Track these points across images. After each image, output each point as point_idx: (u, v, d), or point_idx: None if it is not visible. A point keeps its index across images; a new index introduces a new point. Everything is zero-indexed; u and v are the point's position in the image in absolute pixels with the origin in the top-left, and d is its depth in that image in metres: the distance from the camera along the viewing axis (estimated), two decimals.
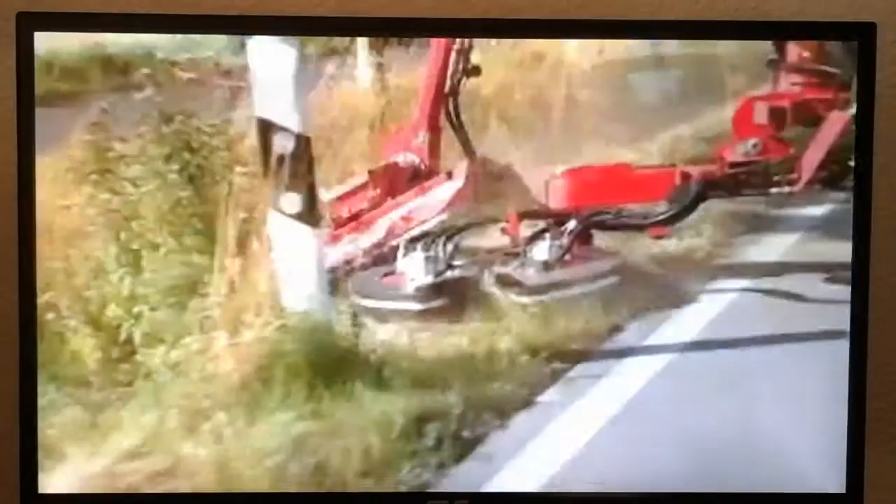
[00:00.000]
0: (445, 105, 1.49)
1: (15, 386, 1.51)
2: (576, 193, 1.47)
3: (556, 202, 1.47)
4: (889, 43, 1.64)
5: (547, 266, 1.46)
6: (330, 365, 1.32)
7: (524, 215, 1.47)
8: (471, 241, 1.46)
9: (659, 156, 1.47)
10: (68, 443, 1.32)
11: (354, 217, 1.46)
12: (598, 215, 1.48)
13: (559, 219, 1.48)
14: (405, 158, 1.49)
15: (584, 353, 1.45)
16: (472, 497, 1.51)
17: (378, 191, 1.47)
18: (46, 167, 1.32)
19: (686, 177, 1.47)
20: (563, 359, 1.45)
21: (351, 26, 1.54)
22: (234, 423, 1.30)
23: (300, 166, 1.29)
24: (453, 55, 1.47)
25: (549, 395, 1.45)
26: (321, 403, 1.31)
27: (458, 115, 1.48)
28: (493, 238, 1.47)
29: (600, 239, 1.48)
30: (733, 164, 1.48)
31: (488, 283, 1.46)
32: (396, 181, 1.48)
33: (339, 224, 1.45)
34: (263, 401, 1.29)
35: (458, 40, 1.45)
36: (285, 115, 1.27)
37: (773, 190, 1.47)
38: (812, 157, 1.46)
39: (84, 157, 1.32)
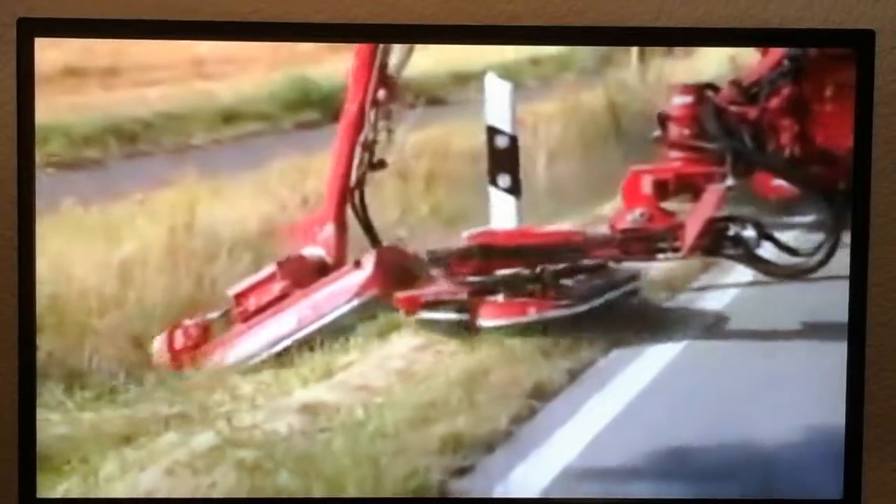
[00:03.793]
0: (351, 198, 1.56)
1: (14, 387, 1.52)
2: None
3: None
4: (887, 50, 1.64)
5: None
6: None
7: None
8: None
9: (561, 221, 1.60)
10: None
11: (263, 308, 1.55)
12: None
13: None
14: (311, 252, 1.56)
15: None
16: (476, 503, 1.53)
17: (286, 282, 1.55)
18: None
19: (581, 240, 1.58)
20: None
21: (348, 33, 1.55)
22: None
23: (510, 156, 1.58)
24: (358, 149, 1.55)
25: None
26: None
27: (363, 207, 1.56)
28: None
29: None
30: (624, 231, 1.57)
31: None
32: (303, 273, 1.55)
33: (246, 317, 1.54)
34: None
35: (362, 134, 1.56)
36: (502, 122, 1.57)
37: (660, 255, 1.57)
38: (693, 226, 1.55)
39: None
